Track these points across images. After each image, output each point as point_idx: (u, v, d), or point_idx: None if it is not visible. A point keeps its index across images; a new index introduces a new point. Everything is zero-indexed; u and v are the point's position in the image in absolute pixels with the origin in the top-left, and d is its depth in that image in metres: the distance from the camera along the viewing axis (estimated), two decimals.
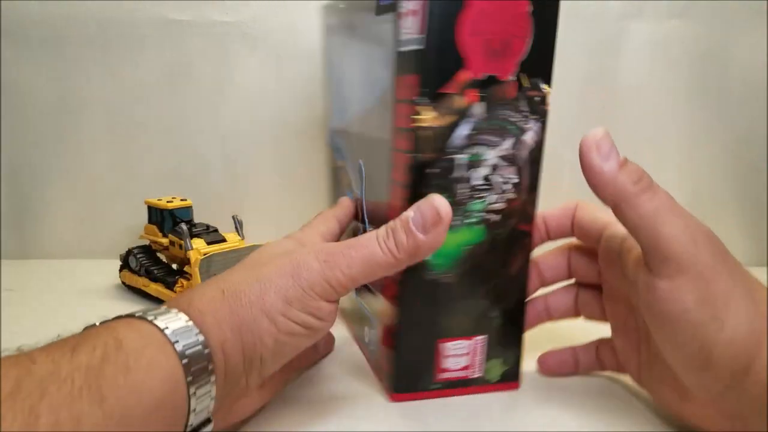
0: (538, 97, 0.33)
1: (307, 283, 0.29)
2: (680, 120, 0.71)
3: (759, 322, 0.26)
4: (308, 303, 0.29)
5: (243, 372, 0.28)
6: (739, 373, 0.26)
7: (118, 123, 0.65)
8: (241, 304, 0.28)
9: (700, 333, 0.27)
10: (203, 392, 0.25)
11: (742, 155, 0.71)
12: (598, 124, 0.73)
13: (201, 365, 0.25)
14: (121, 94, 0.64)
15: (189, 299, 0.28)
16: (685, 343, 0.27)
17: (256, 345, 0.28)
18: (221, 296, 0.28)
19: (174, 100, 0.65)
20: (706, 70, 0.69)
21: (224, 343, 0.27)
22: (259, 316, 0.28)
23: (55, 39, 0.62)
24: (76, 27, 0.62)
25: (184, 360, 0.24)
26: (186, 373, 0.24)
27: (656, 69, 0.70)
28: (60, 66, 0.63)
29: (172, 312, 0.26)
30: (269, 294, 0.28)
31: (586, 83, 0.70)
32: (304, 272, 0.29)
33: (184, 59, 0.64)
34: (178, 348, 0.25)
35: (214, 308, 0.28)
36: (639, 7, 0.69)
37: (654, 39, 0.69)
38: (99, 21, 0.62)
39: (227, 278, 0.30)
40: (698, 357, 0.27)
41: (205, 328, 0.26)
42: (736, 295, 0.27)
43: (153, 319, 0.25)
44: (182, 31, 0.63)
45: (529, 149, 0.34)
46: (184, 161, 0.67)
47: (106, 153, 0.66)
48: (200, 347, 0.25)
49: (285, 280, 0.29)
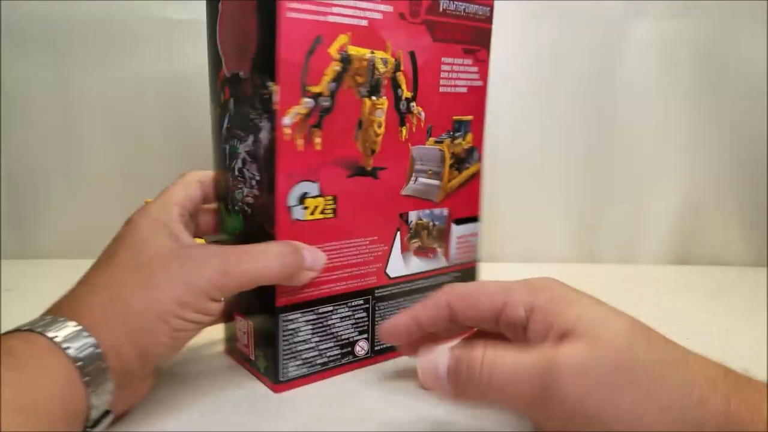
0: (266, 95, 0.34)
1: (200, 288, 0.32)
2: (681, 120, 0.71)
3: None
4: (200, 305, 0.32)
5: (140, 368, 0.31)
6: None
7: (118, 123, 0.66)
8: (134, 311, 0.30)
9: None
10: (102, 390, 0.28)
11: (742, 155, 0.71)
12: (599, 124, 0.72)
13: (96, 365, 0.28)
14: (121, 94, 0.65)
15: (77, 308, 0.30)
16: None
17: (152, 345, 0.31)
18: (111, 305, 0.30)
19: (174, 100, 0.65)
20: (707, 70, 0.69)
21: (119, 348, 0.29)
22: (154, 320, 0.31)
23: (55, 39, 0.63)
24: (76, 27, 0.62)
25: (78, 363, 0.27)
26: (81, 374, 0.27)
27: (657, 69, 0.70)
28: (60, 66, 0.63)
29: (60, 321, 0.28)
30: (162, 300, 0.31)
31: (586, 83, 0.71)
32: (195, 278, 0.32)
33: (184, 59, 0.64)
34: (71, 353, 0.27)
35: (105, 317, 0.30)
36: (640, 7, 0.69)
37: (654, 39, 0.69)
38: (99, 21, 0.63)
39: (112, 284, 0.31)
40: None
41: (96, 332, 0.29)
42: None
43: (42, 330, 0.28)
44: (182, 31, 0.63)
45: (264, 148, 0.35)
46: (184, 161, 0.63)
47: (106, 153, 0.67)
48: (92, 349, 0.28)
49: (178, 286, 0.31)
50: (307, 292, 0.38)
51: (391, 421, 0.35)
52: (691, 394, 0.25)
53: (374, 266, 0.42)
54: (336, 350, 0.41)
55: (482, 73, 0.45)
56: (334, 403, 0.38)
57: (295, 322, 0.38)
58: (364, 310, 0.42)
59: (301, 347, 0.39)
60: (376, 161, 0.40)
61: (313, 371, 0.40)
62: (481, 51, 0.44)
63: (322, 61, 0.35)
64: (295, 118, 0.35)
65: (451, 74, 0.43)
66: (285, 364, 0.39)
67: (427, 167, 0.43)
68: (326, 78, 0.36)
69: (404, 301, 0.44)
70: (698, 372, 0.26)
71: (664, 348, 0.28)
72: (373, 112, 0.39)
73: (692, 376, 0.26)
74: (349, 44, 0.36)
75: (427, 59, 0.41)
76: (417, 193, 0.43)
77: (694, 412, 0.25)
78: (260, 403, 0.37)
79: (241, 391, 0.39)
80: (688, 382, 0.26)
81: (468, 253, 0.48)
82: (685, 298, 0.37)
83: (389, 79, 0.39)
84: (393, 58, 0.39)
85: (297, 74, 0.34)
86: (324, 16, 0.35)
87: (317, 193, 0.37)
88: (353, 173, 0.39)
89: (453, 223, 0.46)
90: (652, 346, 0.27)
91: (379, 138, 0.39)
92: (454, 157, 0.45)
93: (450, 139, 0.44)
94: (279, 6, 0.33)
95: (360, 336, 0.42)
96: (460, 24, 0.42)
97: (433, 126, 0.43)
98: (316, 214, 0.38)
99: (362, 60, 0.37)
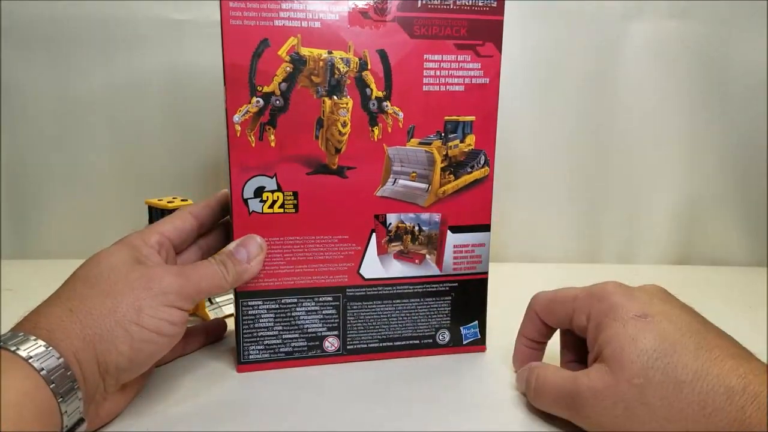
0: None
1: (160, 292, 0.33)
2: (680, 120, 0.71)
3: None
4: (160, 311, 0.33)
5: (99, 378, 0.31)
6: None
7: (118, 123, 0.66)
8: (92, 318, 0.31)
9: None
10: (71, 397, 0.29)
11: (741, 155, 0.72)
12: (599, 124, 0.71)
13: (60, 373, 0.28)
14: (121, 94, 0.65)
15: (35, 321, 0.30)
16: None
17: (111, 353, 0.31)
18: (69, 314, 0.31)
19: (174, 99, 0.66)
20: (706, 70, 0.69)
21: (76, 353, 0.30)
22: (113, 326, 0.31)
23: (55, 39, 0.63)
24: (76, 27, 0.63)
25: (42, 372, 0.28)
26: (47, 382, 0.27)
27: (656, 69, 0.68)
28: (60, 66, 0.64)
29: (20, 335, 0.29)
30: (121, 306, 0.32)
31: (586, 83, 0.69)
32: (156, 284, 0.33)
33: (184, 59, 0.65)
34: (37, 365, 0.28)
35: (63, 325, 0.30)
36: (639, 7, 0.68)
37: (654, 39, 0.68)
38: (99, 21, 0.63)
39: (73, 296, 0.32)
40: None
41: (54, 342, 0.29)
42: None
43: (2, 345, 0.28)
44: (182, 31, 0.64)
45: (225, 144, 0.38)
46: (184, 161, 0.68)
47: (106, 153, 0.67)
48: (54, 358, 0.28)
49: (137, 292, 0.32)
50: (268, 282, 0.41)
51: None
52: (702, 409, 0.28)
53: (344, 265, 0.42)
54: (302, 342, 0.42)
55: (488, 69, 0.41)
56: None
57: (256, 308, 0.41)
58: (333, 308, 0.42)
59: (263, 333, 0.41)
60: (343, 160, 0.40)
61: (276, 358, 0.42)
62: (485, 45, 0.41)
63: (271, 63, 0.37)
64: (245, 116, 0.38)
65: (440, 72, 0.41)
66: (246, 347, 0.41)
67: (410, 169, 0.42)
68: (277, 78, 0.38)
69: (383, 304, 0.43)
70: (715, 384, 0.28)
71: (684, 362, 0.29)
72: (335, 111, 0.39)
73: (708, 388, 0.28)
74: (300, 46, 0.38)
75: (403, 57, 0.40)
76: (397, 195, 0.42)
77: (704, 425, 0.27)
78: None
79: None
80: (701, 397, 0.28)
81: (472, 263, 0.44)
82: (684, 298, 0.33)
83: (353, 78, 0.39)
84: (356, 57, 0.39)
85: (244, 75, 0.37)
86: (270, 21, 0.37)
87: (275, 188, 0.39)
88: (315, 171, 0.40)
89: (448, 230, 0.43)
90: (671, 365, 0.29)
91: (344, 137, 0.40)
92: (448, 159, 0.42)
93: (441, 141, 0.42)
94: (223, 14, 0.36)
95: (329, 332, 0.43)
96: (449, 18, 0.40)
97: (416, 126, 0.41)
98: (275, 208, 0.40)
99: (318, 60, 0.38)
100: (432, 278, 0.44)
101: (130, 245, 0.36)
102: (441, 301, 0.44)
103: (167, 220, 0.40)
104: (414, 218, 0.42)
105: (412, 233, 0.43)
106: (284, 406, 0.37)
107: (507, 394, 0.39)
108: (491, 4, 0.40)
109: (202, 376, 0.41)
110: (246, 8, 0.36)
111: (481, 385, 0.40)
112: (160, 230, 0.38)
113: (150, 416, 0.35)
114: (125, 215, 0.65)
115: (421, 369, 0.43)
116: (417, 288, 0.44)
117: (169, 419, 0.35)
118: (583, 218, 0.74)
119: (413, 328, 0.44)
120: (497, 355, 0.45)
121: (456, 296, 0.44)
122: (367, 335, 0.43)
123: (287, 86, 0.38)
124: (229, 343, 0.47)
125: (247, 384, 0.40)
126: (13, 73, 0.64)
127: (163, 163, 0.68)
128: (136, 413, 0.35)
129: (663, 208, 0.74)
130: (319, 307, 0.42)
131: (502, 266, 0.67)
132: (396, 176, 0.42)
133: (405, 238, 0.43)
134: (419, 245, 0.43)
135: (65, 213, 0.68)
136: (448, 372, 0.42)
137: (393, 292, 0.43)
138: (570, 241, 0.75)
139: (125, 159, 0.67)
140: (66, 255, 0.66)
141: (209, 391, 0.39)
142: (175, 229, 0.39)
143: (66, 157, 0.67)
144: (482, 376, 0.42)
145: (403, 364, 0.43)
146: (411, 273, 0.43)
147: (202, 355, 0.44)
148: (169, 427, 0.34)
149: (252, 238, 0.39)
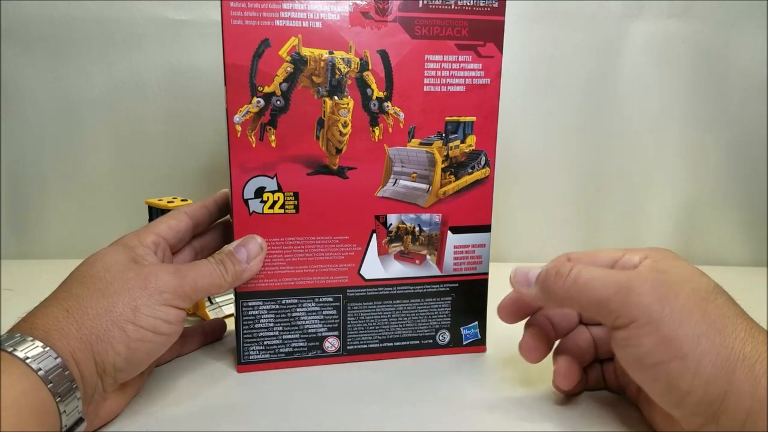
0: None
1: (156, 291, 0.33)
2: (680, 120, 0.71)
3: (727, 356, 0.27)
4: (157, 309, 0.33)
5: (98, 377, 0.31)
6: (714, 408, 0.27)
7: (118, 123, 0.66)
8: (89, 318, 0.31)
9: (663, 372, 0.28)
10: (70, 397, 0.29)
11: (741, 155, 0.72)
12: (598, 124, 0.71)
13: (57, 373, 0.28)
14: (121, 94, 0.65)
15: (32, 322, 0.30)
16: (653, 382, 0.29)
17: (108, 352, 0.31)
18: (66, 314, 0.31)
19: (174, 100, 0.65)
20: (706, 70, 0.69)
21: (74, 353, 0.30)
22: (109, 326, 0.31)
23: (55, 39, 0.63)
24: (76, 27, 0.63)
25: (40, 372, 0.28)
26: (45, 382, 0.28)
27: (656, 69, 0.68)
28: (60, 66, 0.64)
29: (16, 336, 0.29)
30: (118, 306, 0.32)
31: (587, 83, 0.69)
32: (151, 283, 0.33)
33: (184, 59, 0.64)
34: (35, 365, 0.28)
35: (60, 326, 0.30)
36: (639, 7, 0.68)
37: (654, 39, 0.68)
38: (99, 21, 0.63)
39: (69, 297, 0.32)
40: (669, 393, 0.29)
41: (51, 343, 0.29)
42: (707, 333, 0.28)
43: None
44: (182, 31, 0.64)
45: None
46: (184, 161, 0.67)
47: (106, 153, 0.67)
48: (51, 358, 0.28)
49: (133, 291, 0.32)
50: (269, 282, 0.41)
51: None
52: (736, 328, 0.28)
53: (345, 266, 0.42)
54: (302, 342, 0.42)
55: (489, 69, 0.41)
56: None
57: (257, 309, 0.41)
58: (334, 308, 0.42)
59: (263, 334, 0.41)
60: (344, 161, 0.40)
61: (276, 358, 0.42)
62: (486, 45, 0.41)
63: (272, 63, 0.37)
64: (245, 117, 0.38)
65: (440, 72, 0.41)
66: (246, 347, 0.41)
67: (411, 170, 0.42)
68: (278, 78, 0.38)
69: (383, 305, 0.43)
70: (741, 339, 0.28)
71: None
72: (336, 111, 0.39)
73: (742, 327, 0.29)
74: (301, 46, 0.38)
75: (404, 57, 0.40)
76: (397, 195, 0.42)
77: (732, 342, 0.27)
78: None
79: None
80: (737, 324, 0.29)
81: (473, 264, 0.44)
82: None
83: (354, 78, 0.39)
84: (357, 57, 0.39)
85: (244, 76, 0.37)
86: (271, 21, 0.37)
87: (275, 188, 0.39)
88: (315, 171, 0.40)
89: (449, 230, 0.43)
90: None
91: (345, 138, 0.40)
92: (449, 160, 0.42)
93: (442, 142, 0.42)
94: (224, 15, 0.36)
95: (330, 333, 0.43)
96: (450, 19, 0.40)
97: (417, 127, 0.41)
98: (275, 209, 0.40)
99: (319, 60, 0.38)
100: (432, 279, 0.44)
101: (125, 245, 0.36)
102: (441, 302, 0.44)
103: (162, 220, 0.40)
104: (414, 219, 0.42)
105: (413, 234, 0.43)
106: (284, 406, 0.37)
107: (507, 394, 0.39)
108: (492, 4, 0.40)
109: (202, 376, 0.41)
110: (247, 8, 0.36)
111: (481, 386, 0.40)
112: (155, 230, 0.38)
113: (150, 416, 0.35)
114: (125, 215, 0.65)
115: (421, 369, 0.43)
116: (417, 288, 0.44)
117: (168, 419, 0.35)
118: (584, 218, 0.75)
119: (413, 328, 0.44)
120: (497, 356, 0.45)
121: (456, 297, 0.44)
122: (368, 336, 0.43)
123: (288, 86, 0.38)
124: (229, 343, 0.47)
125: (248, 384, 0.40)
126: (13, 73, 0.64)
127: (163, 163, 0.68)
128: (136, 413, 0.35)
129: (663, 207, 0.74)
130: (320, 308, 0.42)
131: (502, 267, 0.67)
132: (396, 177, 0.41)
133: (405, 239, 0.43)
134: (420, 246, 0.43)
135: (65, 213, 0.68)
136: (448, 372, 0.42)
137: (393, 293, 0.43)
138: (570, 242, 0.75)
139: (125, 159, 0.67)
140: (66, 255, 0.66)
141: (209, 391, 0.39)
142: (170, 229, 0.39)
143: (66, 157, 0.67)
144: (482, 376, 0.42)
145: (404, 364, 0.43)
146: (411, 273, 0.43)
147: (202, 355, 0.44)
148: (169, 427, 0.34)
149: (252, 238, 0.39)
